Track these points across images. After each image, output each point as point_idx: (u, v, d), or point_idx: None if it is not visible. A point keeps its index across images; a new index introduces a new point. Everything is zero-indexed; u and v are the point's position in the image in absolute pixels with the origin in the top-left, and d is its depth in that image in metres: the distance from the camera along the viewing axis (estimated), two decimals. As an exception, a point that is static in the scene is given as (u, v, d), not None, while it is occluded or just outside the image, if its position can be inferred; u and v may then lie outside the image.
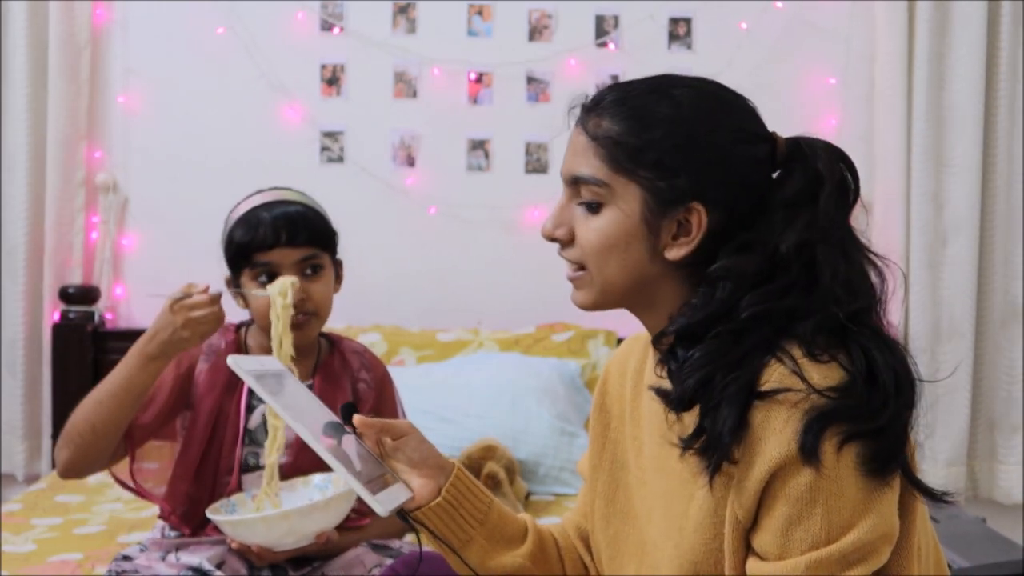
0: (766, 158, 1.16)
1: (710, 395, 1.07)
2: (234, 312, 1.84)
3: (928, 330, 3.07)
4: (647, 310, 1.19)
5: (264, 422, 1.80)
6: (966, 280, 3.07)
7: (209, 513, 1.68)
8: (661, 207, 1.13)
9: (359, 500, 1.74)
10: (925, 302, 3.08)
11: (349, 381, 1.88)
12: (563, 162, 1.20)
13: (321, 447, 1.16)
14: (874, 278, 1.14)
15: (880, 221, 3.08)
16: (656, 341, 1.16)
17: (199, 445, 1.79)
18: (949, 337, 3.09)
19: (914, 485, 1.10)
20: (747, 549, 1.11)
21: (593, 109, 1.18)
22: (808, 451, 1.02)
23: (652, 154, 1.13)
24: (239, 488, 1.80)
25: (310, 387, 1.84)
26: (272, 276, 1.77)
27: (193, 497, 1.79)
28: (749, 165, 1.15)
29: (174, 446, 1.84)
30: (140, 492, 1.83)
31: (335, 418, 1.24)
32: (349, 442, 1.20)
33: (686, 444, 1.08)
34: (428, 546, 1.33)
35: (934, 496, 1.12)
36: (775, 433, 1.05)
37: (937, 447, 3.07)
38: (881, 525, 1.05)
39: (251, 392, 1.81)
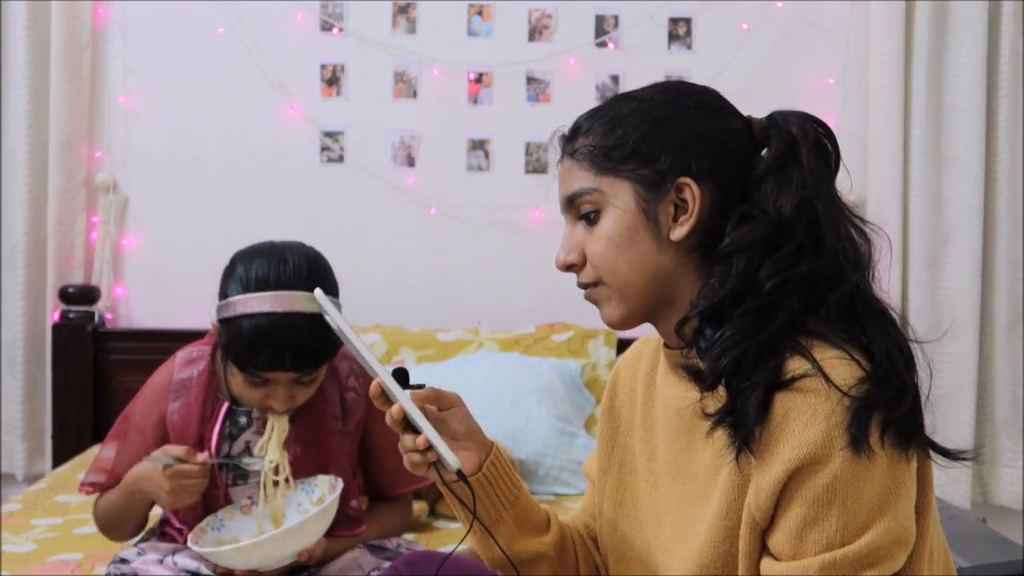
0: (741, 129, 1.19)
1: (742, 374, 1.08)
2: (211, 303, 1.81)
3: (928, 330, 3.06)
4: (669, 310, 1.18)
5: (247, 448, 1.79)
6: (967, 281, 3.06)
7: (190, 541, 1.67)
8: (652, 192, 1.16)
9: (344, 503, 1.75)
10: (925, 302, 3.08)
11: (336, 391, 1.83)
12: (558, 197, 1.23)
13: (401, 393, 1.20)
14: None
15: (875, 220, 3.06)
16: (679, 329, 1.16)
17: None
18: (951, 338, 3.07)
19: (932, 448, 1.12)
20: (762, 550, 1.11)
21: (571, 137, 1.22)
22: (857, 442, 1.03)
23: (628, 146, 1.16)
24: (228, 496, 1.79)
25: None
26: (265, 382, 1.70)
27: (192, 517, 1.79)
28: (723, 134, 1.17)
29: None
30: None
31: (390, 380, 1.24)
32: (407, 401, 1.22)
33: (718, 418, 1.09)
34: (425, 544, 1.32)
35: (950, 455, 1.13)
36: (793, 435, 1.05)
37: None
38: (896, 528, 1.05)
39: (230, 421, 1.79)
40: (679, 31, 3.15)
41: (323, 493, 1.73)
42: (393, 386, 1.20)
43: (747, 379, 1.07)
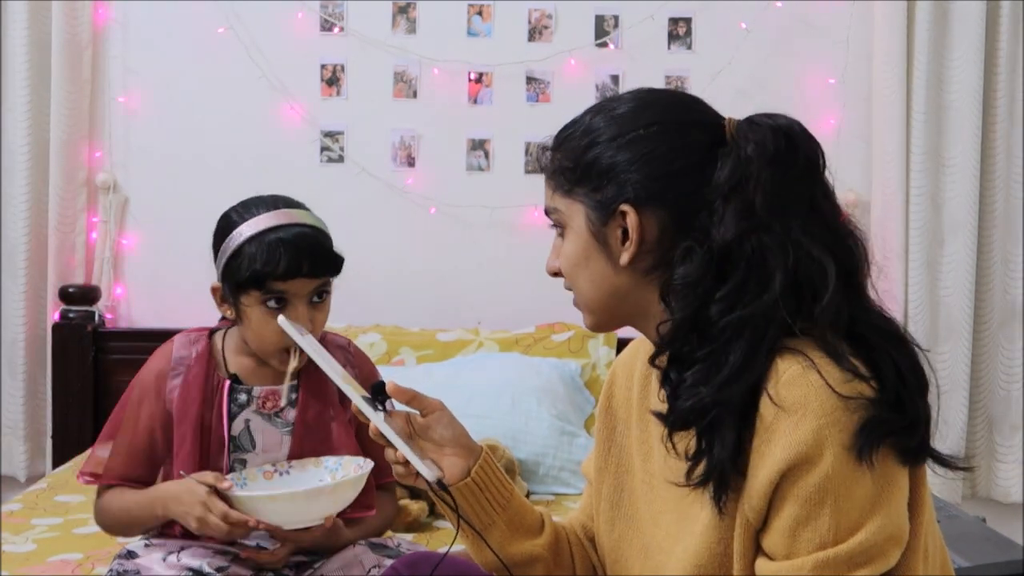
0: (699, 144, 1.14)
1: (704, 418, 1.08)
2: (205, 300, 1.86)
3: (926, 330, 3.08)
4: (642, 322, 1.20)
5: (247, 427, 1.79)
6: (964, 280, 3.08)
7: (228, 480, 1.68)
8: (601, 218, 1.16)
9: (363, 492, 1.75)
10: (923, 302, 3.09)
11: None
12: None
13: (372, 413, 1.23)
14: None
15: (879, 221, 3.09)
16: (652, 362, 1.17)
17: (190, 459, 1.77)
18: (947, 337, 3.10)
19: (936, 460, 1.13)
20: (757, 550, 1.11)
21: (549, 149, 1.25)
22: (862, 457, 1.04)
23: (579, 170, 1.18)
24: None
25: (295, 387, 1.82)
26: (281, 303, 1.71)
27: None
28: (673, 153, 1.14)
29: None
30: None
31: (366, 395, 1.27)
32: (378, 420, 1.24)
33: (688, 478, 1.10)
34: (425, 544, 1.33)
35: (951, 465, 1.14)
36: (784, 435, 1.05)
37: (936, 447, 3.06)
38: (889, 526, 1.05)
39: (230, 399, 1.79)
40: (679, 31, 3.15)
41: (348, 472, 1.72)
42: (363, 406, 1.23)
43: (710, 422, 1.07)
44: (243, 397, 1.80)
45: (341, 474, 1.73)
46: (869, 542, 1.04)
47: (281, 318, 1.29)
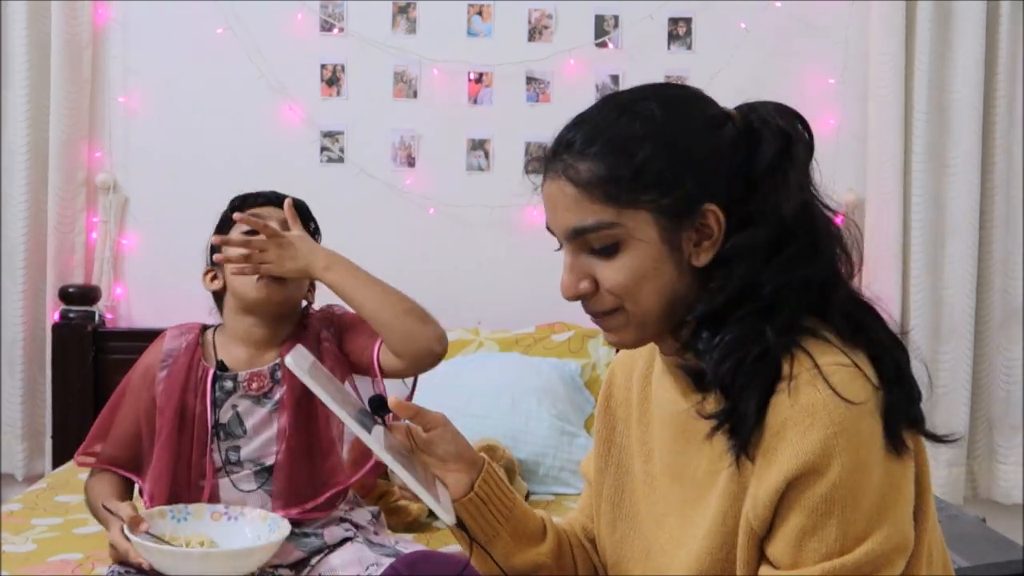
0: (735, 135, 1.15)
1: (741, 378, 1.07)
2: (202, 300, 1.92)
3: (928, 331, 3.08)
4: (676, 327, 1.16)
5: (235, 413, 1.81)
6: (965, 280, 3.08)
7: (144, 520, 1.66)
8: (675, 222, 1.12)
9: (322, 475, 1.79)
10: (925, 303, 3.09)
11: (314, 344, 1.85)
12: (550, 218, 1.18)
13: (380, 449, 1.16)
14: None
15: (876, 221, 3.09)
16: (675, 331, 1.15)
17: (169, 449, 1.79)
18: (949, 338, 3.10)
19: (924, 434, 1.12)
20: (760, 558, 1.11)
21: (563, 155, 1.15)
22: (898, 450, 1.05)
23: (648, 176, 1.11)
24: (216, 488, 1.79)
25: (277, 366, 1.83)
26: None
27: (173, 502, 1.79)
28: (727, 148, 1.14)
29: None
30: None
31: (366, 408, 1.24)
32: (378, 434, 1.19)
33: (718, 422, 1.08)
34: (425, 544, 1.32)
35: (944, 440, 1.14)
36: (791, 444, 1.04)
37: (937, 448, 3.07)
38: (895, 536, 1.05)
39: (217, 387, 1.81)
40: (679, 31, 3.15)
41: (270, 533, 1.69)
42: (370, 443, 1.17)
43: (746, 383, 1.06)
44: (229, 384, 1.82)
45: (266, 539, 1.67)
46: (875, 552, 1.03)
47: (288, 359, 1.21)
